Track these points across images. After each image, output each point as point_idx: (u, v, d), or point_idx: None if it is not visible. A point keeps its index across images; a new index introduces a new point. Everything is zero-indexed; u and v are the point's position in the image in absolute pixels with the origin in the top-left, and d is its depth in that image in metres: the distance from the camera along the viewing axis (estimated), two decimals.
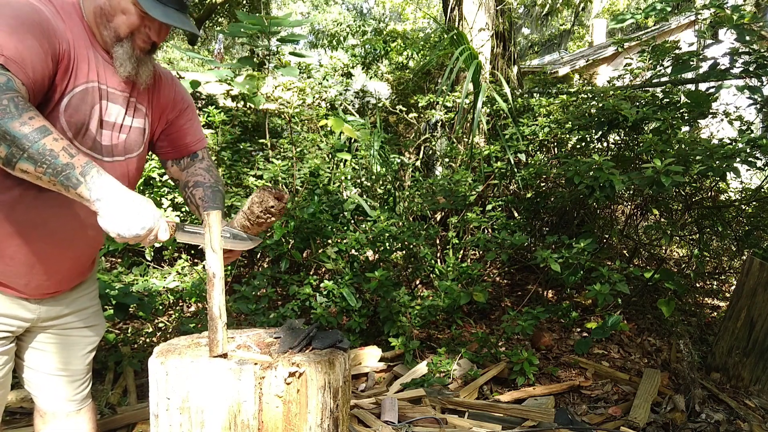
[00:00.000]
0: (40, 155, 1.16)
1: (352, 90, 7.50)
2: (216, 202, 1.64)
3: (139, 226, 1.23)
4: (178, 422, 1.30)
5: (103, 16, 1.40)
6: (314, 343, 1.46)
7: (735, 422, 2.95)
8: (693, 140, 3.94)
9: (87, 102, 1.40)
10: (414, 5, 15.53)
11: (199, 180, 1.69)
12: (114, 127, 1.49)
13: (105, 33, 1.42)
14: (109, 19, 1.40)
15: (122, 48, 1.43)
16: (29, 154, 1.15)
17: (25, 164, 1.16)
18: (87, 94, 1.40)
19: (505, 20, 5.98)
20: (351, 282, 3.76)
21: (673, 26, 11.25)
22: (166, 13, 1.40)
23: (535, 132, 4.70)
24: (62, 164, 1.18)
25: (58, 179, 1.18)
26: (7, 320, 1.49)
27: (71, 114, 1.37)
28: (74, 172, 1.19)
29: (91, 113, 1.42)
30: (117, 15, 1.39)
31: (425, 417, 2.87)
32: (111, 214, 1.21)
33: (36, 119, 1.17)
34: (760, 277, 3.31)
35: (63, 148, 1.18)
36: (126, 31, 1.41)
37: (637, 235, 4.90)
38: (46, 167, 1.17)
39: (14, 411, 2.74)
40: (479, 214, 4.38)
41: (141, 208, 1.24)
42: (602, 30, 15.22)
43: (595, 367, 3.57)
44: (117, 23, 1.40)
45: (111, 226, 1.22)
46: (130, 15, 1.40)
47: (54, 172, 1.17)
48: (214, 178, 1.72)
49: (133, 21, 1.40)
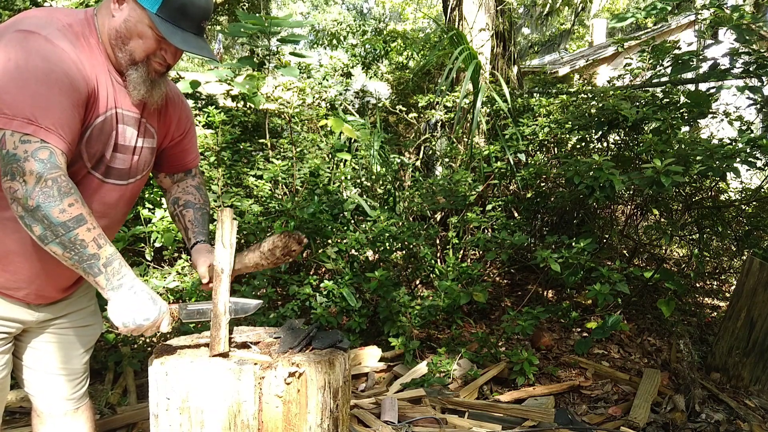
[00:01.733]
0: (71, 243, 1.22)
1: (352, 90, 7.50)
2: (204, 227, 1.70)
3: (143, 320, 1.31)
4: (178, 422, 1.30)
5: (119, 39, 1.37)
6: (314, 343, 1.46)
7: (735, 422, 2.95)
8: (693, 140, 3.94)
9: (105, 131, 1.39)
10: (414, 5, 15.52)
11: (189, 200, 1.72)
12: (128, 150, 1.48)
13: (120, 55, 1.39)
14: (125, 42, 1.37)
15: (137, 72, 1.41)
16: (61, 241, 1.21)
17: (55, 247, 1.23)
18: (106, 123, 1.39)
19: (505, 20, 5.98)
20: (351, 282, 3.76)
21: (673, 26, 11.25)
22: (185, 39, 1.38)
23: (535, 132, 4.70)
24: (89, 254, 1.25)
25: (82, 266, 1.26)
26: (6, 323, 1.49)
27: (91, 145, 1.37)
28: (98, 263, 1.26)
29: (109, 140, 1.41)
30: (133, 39, 1.37)
31: (425, 417, 2.87)
32: (119, 308, 1.29)
33: (75, 206, 1.22)
34: (760, 277, 3.31)
35: (93, 239, 1.24)
36: (142, 55, 1.39)
37: (637, 235, 4.90)
38: (74, 254, 1.24)
39: (14, 411, 2.74)
40: (479, 214, 4.38)
41: (149, 302, 1.32)
42: (602, 30, 15.22)
43: (595, 367, 3.57)
44: (133, 47, 1.38)
45: (117, 317, 1.30)
46: (147, 39, 1.37)
47: (80, 259, 1.24)
48: (203, 198, 1.75)
49: (150, 45, 1.38)
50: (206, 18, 1.42)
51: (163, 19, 1.34)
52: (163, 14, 1.34)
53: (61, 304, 1.60)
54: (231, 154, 4.49)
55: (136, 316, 1.29)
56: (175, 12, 1.35)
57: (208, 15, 1.42)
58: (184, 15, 1.36)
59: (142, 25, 1.36)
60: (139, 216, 3.89)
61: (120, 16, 1.36)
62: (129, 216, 3.90)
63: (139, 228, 3.77)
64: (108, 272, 1.27)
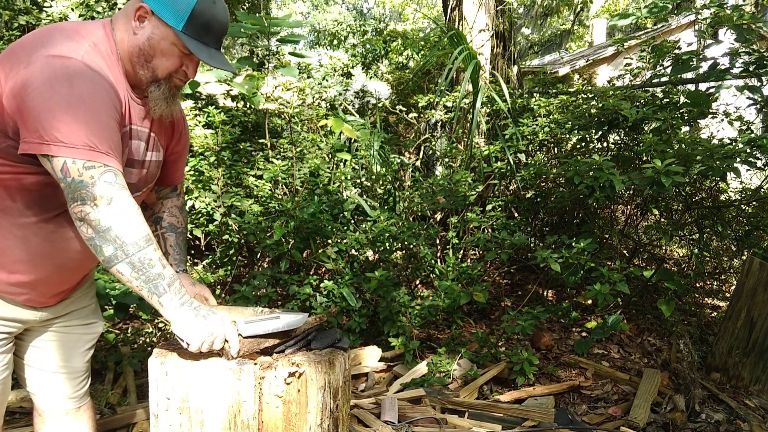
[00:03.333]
0: (140, 263, 1.21)
1: (352, 90, 7.51)
2: (184, 254, 1.73)
3: (210, 334, 1.28)
4: (178, 422, 1.30)
5: (142, 56, 1.36)
6: (314, 343, 1.46)
7: (735, 422, 2.95)
8: (693, 140, 3.94)
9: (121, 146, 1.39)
10: (414, 5, 15.52)
11: (173, 223, 1.74)
12: (138, 164, 1.48)
13: (141, 72, 1.38)
14: (148, 60, 1.36)
15: (159, 89, 1.40)
16: (131, 261, 1.21)
17: (123, 267, 1.21)
18: (123, 138, 1.39)
19: (505, 20, 5.98)
20: (351, 282, 3.76)
21: (673, 26, 11.25)
22: (211, 54, 1.38)
23: (535, 132, 4.70)
24: (155, 274, 1.23)
25: (147, 286, 1.24)
26: (7, 323, 1.49)
27: None
28: (163, 282, 1.25)
29: (123, 156, 1.41)
30: (156, 56, 1.36)
31: (425, 417, 2.87)
32: (189, 326, 1.27)
33: (144, 226, 1.23)
34: (760, 277, 3.31)
35: (159, 258, 1.24)
36: (165, 73, 1.39)
37: (637, 235, 4.90)
38: (141, 274, 1.22)
39: (14, 411, 2.74)
40: (479, 214, 4.38)
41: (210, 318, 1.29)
42: (602, 30, 15.22)
43: (595, 367, 3.57)
44: (156, 64, 1.37)
45: (191, 336, 1.27)
46: (171, 57, 1.37)
47: (146, 279, 1.23)
48: (185, 221, 1.79)
49: (174, 63, 1.38)
50: (225, 32, 1.42)
51: (189, 36, 1.34)
52: (189, 31, 1.34)
53: (62, 304, 1.61)
54: (231, 154, 4.49)
55: (206, 332, 1.28)
56: (200, 28, 1.35)
57: (227, 29, 1.43)
58: (208, 31, 1.37)
59: (166, 43, 1.35)
60: None
61: (143, 34, 1.35)
62: None
63: None
64: (171, 291, 1.26)
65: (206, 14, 1.35)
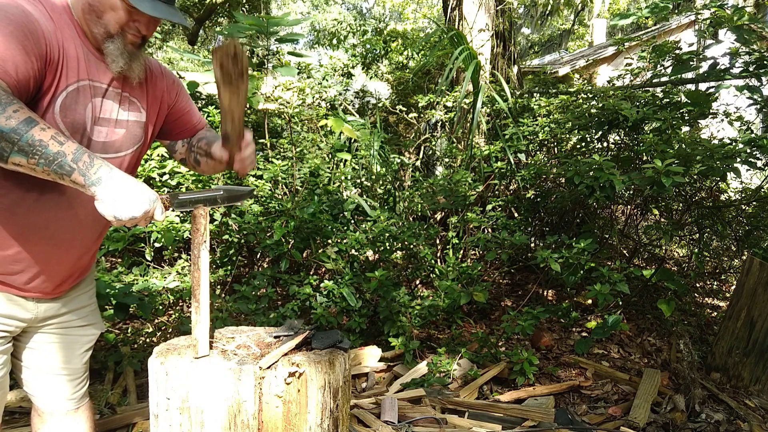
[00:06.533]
0: (30, 146, 1.16)
1: (352, 90, 7.51)
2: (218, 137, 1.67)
3: (135, 209, 1.24)
4: (178, 422, 1.30)
5: (92, 13, 1.39)
6: (314, 343, 1.46)
7: (735, 422, 2.95)
8: (693, 140, 3.94)
9: (80, 101, 1.40)
10: (414, 5, 15.52)
11: (200, 135, 1.76)
12: (109, 123, 1.49)
13: (95, 29, 1.41)
14: (99, 15, 1.39)
15: (113, 44, 1.42)
16: (19, 147, 1.16)
17: (17, 157, 1.17)
18: (80, 93, 1.40)
19: (505, 20, 5.98)
20: (351, 282, 3.76)
21: (673, 26, 11.25)
22: (155, 6, 1.39)
23: (535, 132, 4.70)
24: (53, 153, 1.18)
25: (51, 168, 1.19)
26: (5, 320, 1.49)
27: (66, 114, 1.37)
28: (66, 159, 1.19)
29: (86, 112, 1.42)
30: (106, 11, 1.39)
31: (425, 417, 2.87)
32: (108, 199, 1.22)
33: (21, 111, 1.17)
34: (760, 277, 3.31)
35: (51, 137, 1.19)
36: (116, 27, 1.41)
37: (637, 235, 4.90)
38: (38, 158, 1.18)
39: (13, 411, 2.74)
40: (479, 214, 4.38)
41: (137, 190, 1.24)
42: (602, 30, 15.22)
43: (595, 367, 3.57)
44: (106, 19, 1.39)
45: (108, 210, 1.22)
46: (119, 10, 1.39)
47: (46, 161, 1.18)
48: (212, 133, 1.78)
49: (122, 16, 1.40)
50: None
51: None
52: None
53: (60, 302, 1.60)
54: None
55: (128, 208, 1.23)
56: None
57: None
58: None
59: None
60: None
61: None
62: None
63: (139, 228, 3.77)
64: (80, 166, 1.20)
65: None
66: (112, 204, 1.22)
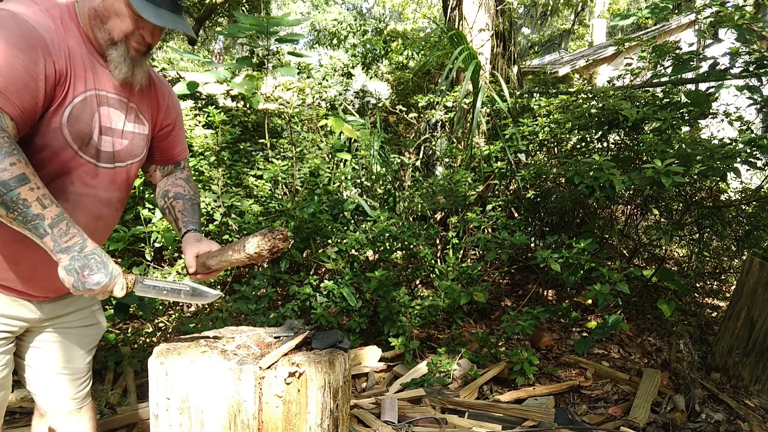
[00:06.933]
0: (14, 203, 1.20)
1: (352, 90, 7.51)
2: (194, 216, 1.70)
3: (94, 284, 1.29)
4: (178, 422, 1.30)
5: (97, 19, 1.38)
6: (314, 343, 1.46)
7: (735, 422, 2.95)
8: (693, 140, 3.94)
9: (87, 111, 1.40)
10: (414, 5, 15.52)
11: (179, 192, 1.73)
12: (115, 133, 1.48)
13: (99, 35, 1.40)
14: (104, 21, 1.39)
15: (117, 51, 1.42)
16: (2, 200, 1.19)
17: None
18: (86, 103, 1.39)
19: (505, 20, 5.98)
20: (351, 282, 3.76)
21: (673, 26, 11.25)
22: (160, 14, 1.39)
23: (535, 132, 4.70)
24: (33, 214, 1.22)
25: (26, 227, 1.24)
26: (8, 321, 1.49)
27: (73, 124, 1.37)
28: (43, 223, 1.23)
29: (92, 121, 1.41)
30: (111, 18, 1.38)
31: (425, 417, 2.87)
32: (70, 269, 1.28)
33: (18, 165, 1.19)
34: (760, 276, 3.31)
35: (37, 199, 1.22)
36: (120, 34, 1.40)
37: (637, 235, 4.90)
38: (17, 215, 1.22)
39: (14, 411, 2.74)
40: (479, 214, 4.38)
41: (100, 266, 1.30)
42: (602, 30, 15.22)
43: (595, 367, 3.57)
44: (111, 26, 1.39)
45: (67, 279, 1.28)
46: (124, 18, 1.38)
47: (24, 220, 1.23)
48: (193, 190, 1.76)
49: (127, 24, 1.39)
50: None
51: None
52: None
53: (63, 302, 1.60)
54: (231, 154, 4.50)
55: (85, 280, 1.28)
56: None
57: None
58: None
59: (118, 4, 1.37)
60: (139, 216, 3.89)
61: None
62: (129, 216, 3.90)
63: (139, 228, 3.77)
64: (55, 233, 1.24)
65: None
66: (74, 275, 1.28)
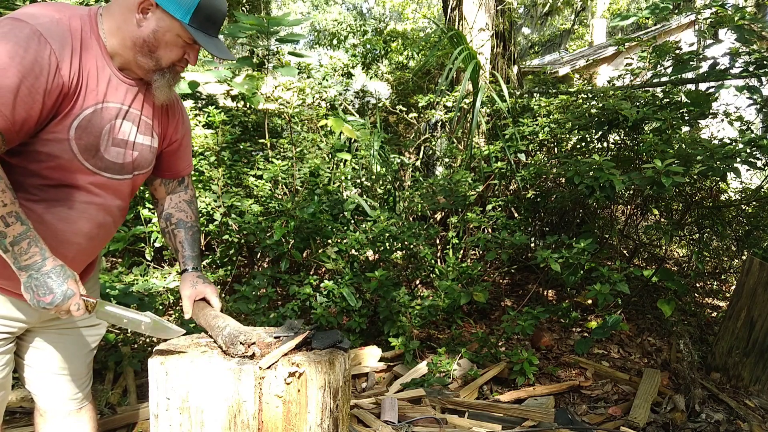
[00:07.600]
0: None
1: (352, 90, 7.51)
2: (194, 249, 1.73)
3: (48, 303, 1.30)
4: (178, 422, 1.30)
5: (146, 47, 1.40)
6: (314, 343, 1.46)
7: (735, 422, 2.95)
8: (693, 140, 3.94)
9: (96, 123, 1.40)
10: (414, 5, 15.52)
11: (182, 219, 1.75)
12: (127, 144, 1.49)
13: (143, 60, 1.42)
14: (152, 50, 1.41)
15: (164, 78, 1.45)
16: None
17: None
18: (96, 114, 1.39)
19: (505, 20, 5.98)
20: (351, 282, 3.76)
21: (673, 26, 11.25)
22: (217, 45, 1.44)
23: (535, 132, 4.70)
24: None
25: None
26: (8, 322, 1.49)
27: (81, 136, 1.37)
28: (4, 240, 1.25)
29: (102, 133, 1.41)
30: (161, 47, 1.40)
31: (425, 417, 2.87)
32: (27, 287, 1.30)
33: None
34: (760, 276, 3.31)
35: (2, 216, 1.24)
36: (168, 62, 1.44)
37: (637, 235, 4.90)
38: None
39: (14, 411, 2.74)
40: (479, 214, 4.38)
41: (56, 287, 1.30)
42: (602, 30, 15.22)
43: (595, 367, 3.57)
44: (160, 55, 1.42)
45: (26, 295, 1.31)
46: (176, 48, 1.42)
47: None
48: (194, 214, 1.78)
49: (177, 53, 1.43)
50: (224, 19, 1.48)
51: (194, 28, 1.40)
52: (195, 24, 1.39)
53: None
54: (231, 154, 4.49)
55: (39, 299, 1.30)
56: (205, 20, 1.40)
57: (225, 16, 1.49)
58: (212, 22, 1.43)
59: (171, 35, 1.39)
60: (139, 216, 3.90)
61: (147, 26, 1.38)
62: (129, 216, 3.91)
63: (139, 228, 3.77)
64: (15, 251, 1.26)
65: (210, 6, 1.40)
66: (30, 292, 1.30)
